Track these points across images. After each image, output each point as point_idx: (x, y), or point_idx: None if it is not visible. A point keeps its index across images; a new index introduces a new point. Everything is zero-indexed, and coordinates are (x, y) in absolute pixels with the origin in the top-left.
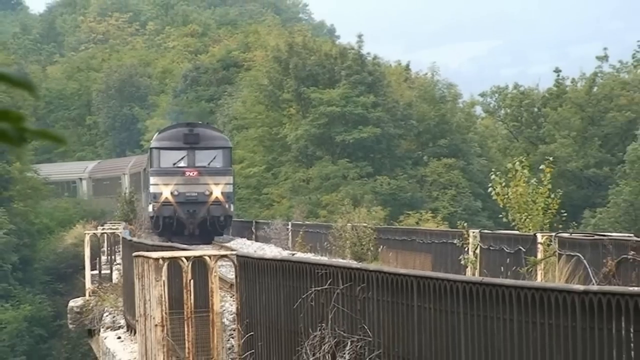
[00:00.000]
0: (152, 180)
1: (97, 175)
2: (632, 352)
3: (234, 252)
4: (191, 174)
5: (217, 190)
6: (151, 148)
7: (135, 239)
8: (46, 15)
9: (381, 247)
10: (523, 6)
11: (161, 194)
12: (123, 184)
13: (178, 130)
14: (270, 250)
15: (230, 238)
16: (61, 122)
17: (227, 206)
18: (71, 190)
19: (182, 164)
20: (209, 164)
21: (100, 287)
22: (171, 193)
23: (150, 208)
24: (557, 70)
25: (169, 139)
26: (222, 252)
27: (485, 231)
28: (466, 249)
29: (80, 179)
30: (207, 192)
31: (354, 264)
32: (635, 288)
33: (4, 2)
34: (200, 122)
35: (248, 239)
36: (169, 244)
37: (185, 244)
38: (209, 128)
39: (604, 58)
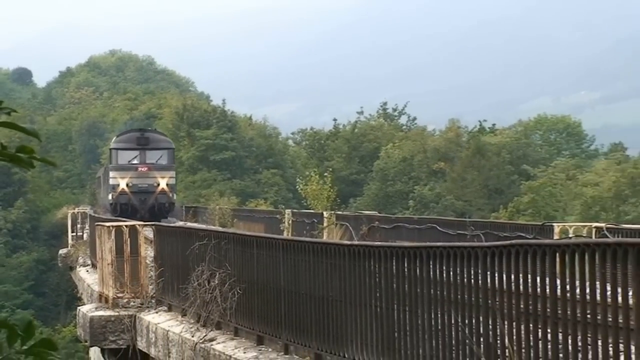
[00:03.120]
0: (112, 174)
1: None
2: (378, 280)
3: (154, 223)
4: (142, 169)
5: (163, 182)
6: (110, 149)
7: (96, 215)
8: (46, 88)
9: (235, 219)
10: (319, 82)
11: (118, 185)
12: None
13: (132, 134)
14: (175, 222)
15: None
16: (54, 149)
17: (170, 195)
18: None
19: (135, 161)
20: (156, 161)
21: (76, 242)
22: (127, 184)
23: (109, 197)
24: (334, 120)
25: (124, 141)
26: (146, 223)
27: (294, 210)
28: (283, 221)
29: None
30: (155, 184)
31: (220, 229)
32: (378, 242)
33: (23, 79)
34: (149, 128)
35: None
36: (116, 218)
37: None
38: (156, 133)
39: (361, 112)
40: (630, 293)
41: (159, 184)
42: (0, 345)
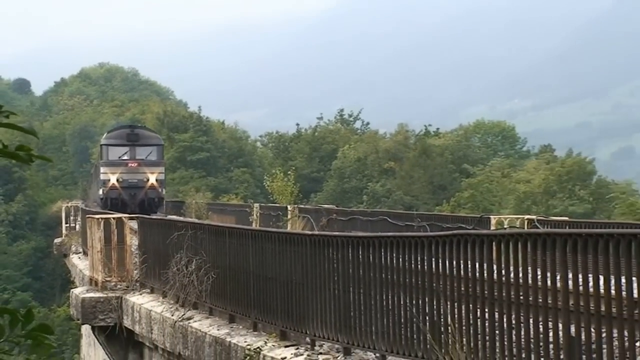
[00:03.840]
0: (102, 169)
1: None
2: (335, 265)
3: (138, 216)
4: (133, 164)
5: (152, 177)
6: (101, 145)
7: (87, 209)
8: (43, 96)
9: (209, 212)
10: (284, 92)
11: (109, 180)
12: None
13: (122, 131)
14: (156, 215)
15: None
16: (50, 150)
17: (160, 190)
18: None
19: (125, 157)
20: (146, 157)
21: (69, 232)
22: (117, 179)
23: (100, 192)
24: (297, 124)
25: (115, 137)
26: (132, 215)
27: (262, 204)
28: (252, 214)
29: None
30: (145, 179)
31: (197, 220)
32: (336, 233)
33: (22, 89)
34: (139, 125)
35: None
36: (104, 211)
37: None
38: (146, 129)
39: (320, 118)
40: (558, 277)
41: (148, 179)
42: (3, 329)
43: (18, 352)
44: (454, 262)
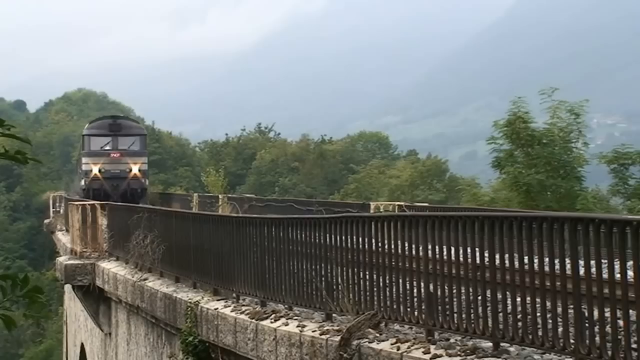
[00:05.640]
0: (84, 160)
1: None
2: (255, 240)
3: (107, 202)
4: (115, 155)
5: (135, 168)
6: (83, 135)
7: (69, 197)
8: (35, 113)
9: (160, 200)
10: (216, 110)
11: (91, 171)
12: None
13: (104, 121)
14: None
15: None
16: (41, 154)
17: (143, 181)
18: None
19: (107, 147)
20: (129, 147)
21: (56, 215)
22: (99, 170)
23: (82, 182)
24: (226, 134)
25: (97, 127)
26: (102, 202)
27: (200, 194)
28: (192, 201)
29: None
30: (128, 170)
31: (150, 206)
32: (255, 215)
33: (20, 107)
34: (122, 115)
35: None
36: (82, 199)
37: None
38: (128, 119)
39: (244, 130)
40: (421, 248)
41: (131, 170)
42: (5, 290)
43: (17, 308)
44: (343, 238)
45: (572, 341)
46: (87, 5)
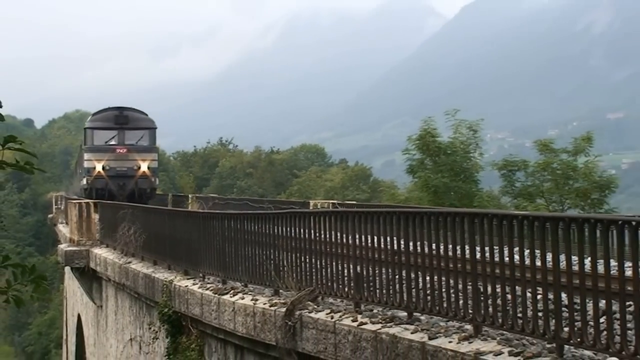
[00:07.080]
0: (86, 156)
1: None
2: (217, 231)
3: (98, 201)
4: (121, 151)
5: (144, 165)
6: (85, 128)
7: (68, 197)
8: (41, 129)
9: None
10: (186, 127)
11: (94, 168)
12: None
13: (109, 113)
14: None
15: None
16: (45, 162)
17: (152, 179)
18: None
19: (113, 142)
20: (137, 142)
21: (57, 211)
22: (103, 167)
23: (84, 181)
24: (194, 146)
25: (101, 120)
26: (95, 201)
27: (174, 194)
28: (168, 200)
29: None
30: (135, 167)
31: (134, 204)
32: (218, 211)
33: (29, 125)
34: (129, 107)
35: None
36: (80, 198)
37: None
38: (136, 111)
39: (208, 142)
40: (350, 237)
41: (139, 167)
42: (17, 276)
43: (25, 291)
44: (289, 229)
45: (470, 311)
46: (80, 39)
